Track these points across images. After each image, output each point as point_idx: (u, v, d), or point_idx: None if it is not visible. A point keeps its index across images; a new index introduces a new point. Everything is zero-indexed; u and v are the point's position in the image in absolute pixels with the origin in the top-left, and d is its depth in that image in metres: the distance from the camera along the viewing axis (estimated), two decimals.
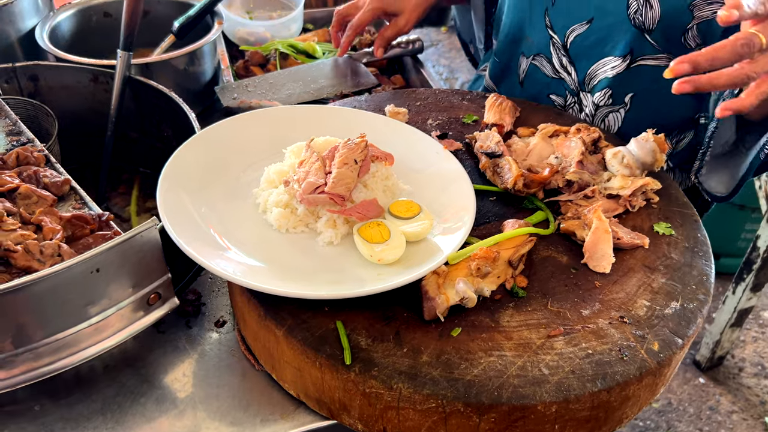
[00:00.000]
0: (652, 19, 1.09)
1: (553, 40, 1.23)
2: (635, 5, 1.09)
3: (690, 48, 1.10)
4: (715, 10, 1.05)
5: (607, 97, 1.19)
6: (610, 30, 1.14)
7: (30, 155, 0.97)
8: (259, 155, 1.01)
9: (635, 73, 1.16)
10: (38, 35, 1.33)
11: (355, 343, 0.77)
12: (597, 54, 1.18)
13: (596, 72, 1.19)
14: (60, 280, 0.72)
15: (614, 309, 0.84)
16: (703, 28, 1.08)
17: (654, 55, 1.14)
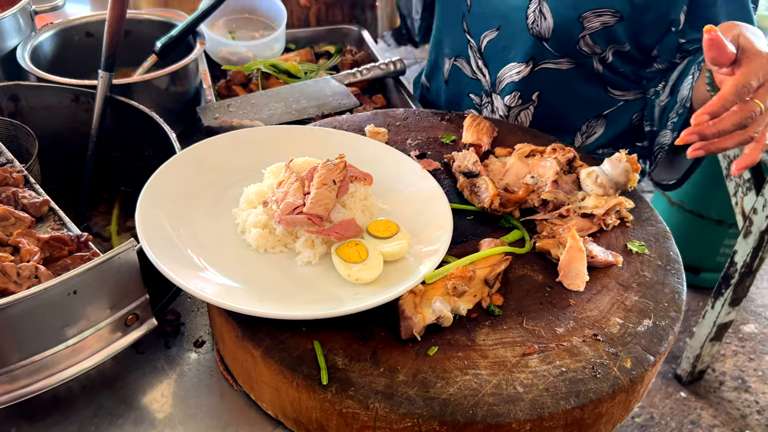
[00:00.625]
0: (547, 29, 1.21)
1: (470, 43, 1.36)
2: (532, 16, 1.21)
3: (585, 53, 1.23)
4: (605, 22, 1.18)
5: (516, 99, 1.32)
6: (514, 38, 1.27)
7: (9, 176, 0.97)
8: (238, 175, 1.02)
9: (538, 76, 1.28)
10: (19, 55, 1.33)
11: (332, 363, 0.78)
12: (504, 59, 1.30)
13: (504, 76, 1.32)
14: (37, 302, 0.72)
15: (588, 327, 0.85)
16: (596, 37, 1.20)
17: (553, 60, 1.26)
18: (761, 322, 2.84)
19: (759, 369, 2.62)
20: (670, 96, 1.22)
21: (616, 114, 1.33)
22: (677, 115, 1.17)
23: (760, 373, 2.61)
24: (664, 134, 1.22)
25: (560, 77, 1.28)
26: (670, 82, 1.23)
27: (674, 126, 1.18)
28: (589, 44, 1.21)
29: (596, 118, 1.34)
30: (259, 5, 1.70)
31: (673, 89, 1.22)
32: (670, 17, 1.18)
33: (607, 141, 1.36)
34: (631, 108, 1.33)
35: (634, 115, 1.34)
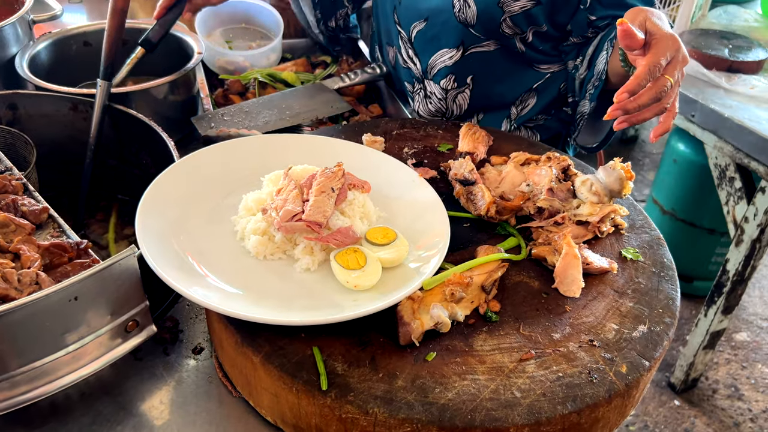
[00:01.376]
0: (472, 16, 1.31)
1: (400, 34, 1.45)
2: (458, 5, 1.31)
3: (508, 35, 1.33)
4: (523, 6, 1.27)
5: (452, 82, 1.40)
6: (443, 26, 1.36)
7: (8, 184, 0.97)
8: (237, 183, 1.03)
9: (470, 59, 1.37)
10: (18, 64, 1.33)
11: (332, 368, 0.79)
12: (435, 47, 1.39)
13: (435, 62, 1.40)
14: (38, 308, 0.72)
15: (584, 332, 0.86)
16: (516, 20, 1.30)
17: (481, 44, 1.35)
18: (753, 331, 2.86)
19: (752, 377, 2.64)
20: (588, 69, 1.32)
21: (545, 86, 1.44)
22: (593, 87, 1.29)
23: (752, 381, 2.63)
24: (583, 104, 1.34)
25: (489, 59, 1.38)
26: (587, 57, 1.33)
27: (591, 96, 1.31)
28: (510, 26, 1.31)
29: (527, 92, 1.44)
30: (256, 15, 1.72)
31: (590, 63, 1.32)
32: None
33: (540, 110, 1.47)
34: (557, 79, 1.44)
35: (561, 84, 1.45)
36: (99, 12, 2.06)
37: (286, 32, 1.73)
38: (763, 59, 2.30)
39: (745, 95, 2.18)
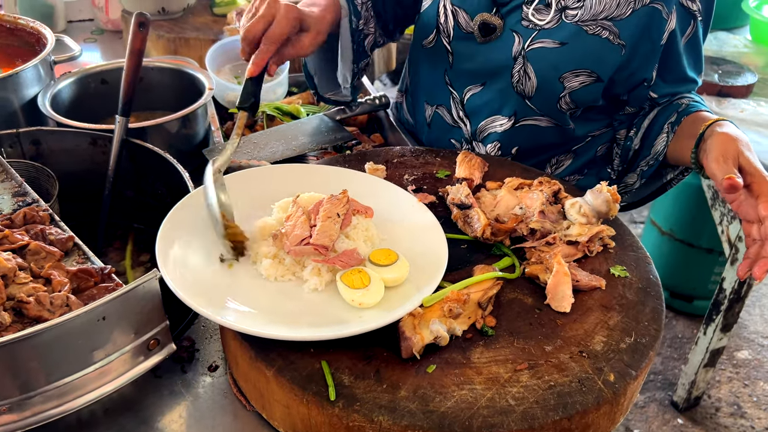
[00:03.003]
0: (531, 88, 1.30)
1: (452, 95, 1.42)
2: (517, 76, 1.30)
3: (563, 111, 1.33)
4: (582, 81, 1.27)
5: (497, 149, 1.40)
6: (499, 94, 1.35)
7: (36, 214, 1.05)
8: (249, 211, 1.09)
9: (519, 131, 1.37)
10: (40, 102, 1.42)
11: (339, 380, 0.85)
12: (488, 111, 1.38)
13: (486, 126, 1.40)
14: (69, 328, 0.79)
15: (574, 344, 0.92)
16: (574, 97, 1.29)
17: (534, 117, 1.35)
18: (754, 349, 2.89)
19: (754, 395, 2.67)
20: (641, 143, 1.32)
21: (583, 149, 1.44)
22: (648, 165, 1.30)
23: (755, 398, 2.65)
24: (632, 176, 1.36)
25: (538, 133, 1.37)
26: (641, 130, 1.33)
27: (643, 174, 1.31)
28: (568, 103, 1.31)
29: (564, 154, 1.45)
30: None
31: (644, 138, 1.32)
32: (643, 75, 1.29)
33: (573, 170, 1.48)
34: (596, 142, 1.45)
35: (599, 147, 1.46)
36: (112, 50, 2.16)
37: (291, 67, 1.82)
38: (752, 83, 2.38)
39: (735, 119, 2.26)
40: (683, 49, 1.29)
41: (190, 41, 1.93)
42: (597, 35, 1.24)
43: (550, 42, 1.26)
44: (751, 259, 1.00)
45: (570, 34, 1.25)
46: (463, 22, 1.34)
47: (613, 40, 1.24)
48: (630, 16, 1.23)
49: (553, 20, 1.26)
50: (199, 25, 2.03)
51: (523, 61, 1.28)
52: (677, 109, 1.27)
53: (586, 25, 1.24)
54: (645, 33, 1.24)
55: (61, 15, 2.26)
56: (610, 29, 1.24)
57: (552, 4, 1.26)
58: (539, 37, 1.27)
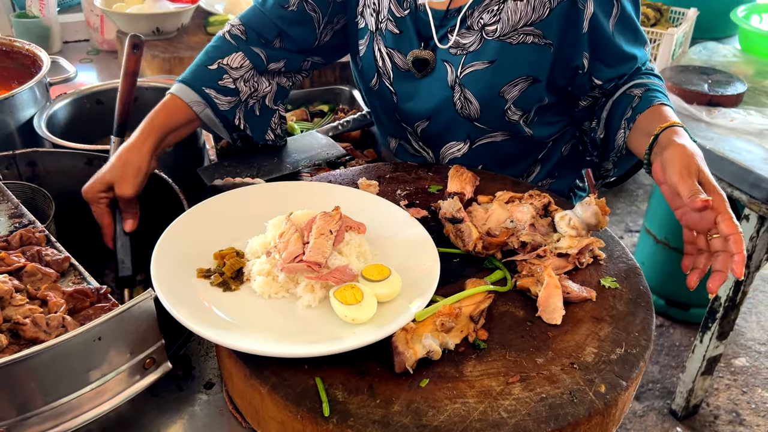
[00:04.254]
0: (475, 110, 1.33)
1: (407, 130, 1.46)
2: (459, 103, 1.33)
3: (514, 122, 1.35)
4: (521, 88, 1.30)
5: None
6: (447, 123, 1.38)
7: (32, 236, 1.06)
8: (243, 229, 1.11)
9: (478, 151, 1.41)
10: (36, 124, 1.44)
11: (333, 396, 0.86)
12: (443, 140, 1.42)
13: (446, 153, 1.44)
14: (65, 348, 0.80)
15: (565, 356, 0.93)
16: (518, 104, 1.32)
17: (488, 135, 1.38)
18: (752, 356, 2.90)
19: (752, 402, 2.67)
20: (606, 131, 1.34)
21: (548, 154, 1.48)
22: (617, 156, 1.34)
23: (753, 406, 2.66)
24: (607, 164, 1.40)
25: (497, 148, 1.40)
26: (602, 121, 1.35)
27: (614, 163, 1.37)
28: (514, 111, 1.33)
29: (532, 164, 1.49)
30: None
31: (606, 127, 1.34)
32: (574, 63, 1.31)
33: (545, 175, 1.52)
34: (558, 144, 1.49)
35: (563, 147, 1.50)
36: (108, 70, 2.19)
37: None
38: (742, 92, 2.41)
39: (726, 127, 2.28)
40: (615, 30, 1.29)
41: (185, 60, 1.96)
42: (522, 43, 1.26)
43: (479, 64, 1.29)
44: (700, 269, 1.09)
45: (495, 50, 1.27)
46: (399, 62, 1.37)
47: (539, 42, 1.26)
48: (549, 16, 1.24)
49: (476, 41, 1.28)
50: (194, 44, 2.05)
51: (461, 89, 1.31)
52: (630, 104, 1.28)
53: (509, 38, 1.26)
54: (567, 26, 1.26)
55: (56, 36, 2.29)
56: (533, 33, 1.26)
57: (472, 26, 1.28)
58: (468, 61, 1.29)
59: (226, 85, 1.35)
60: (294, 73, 1.49)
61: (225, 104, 1.35)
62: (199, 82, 1.33)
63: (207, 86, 1.33)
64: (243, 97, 1.38)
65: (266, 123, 1.45)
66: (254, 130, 1.43)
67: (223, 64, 1.35)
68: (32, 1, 2.19)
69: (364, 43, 1.41)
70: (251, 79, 1.38)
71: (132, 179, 1.21)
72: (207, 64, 1.35)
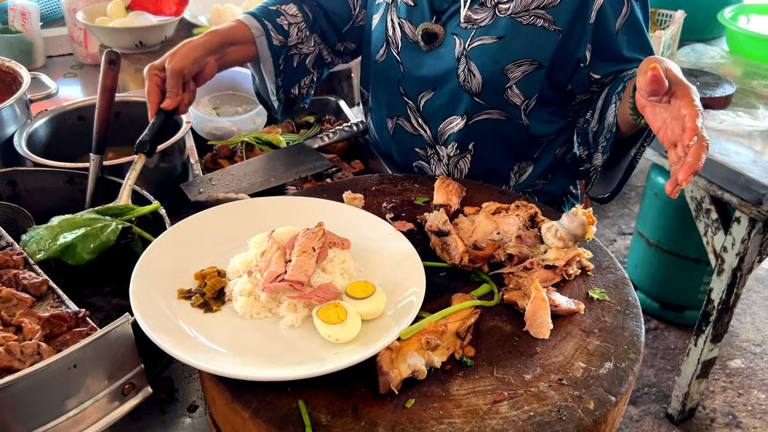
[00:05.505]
0: (477, 84, 1.35)
1: (408, 104, 1.48)
2: (462, 75, 1.35)
3: (515, 105, 1.37)
4: (525, 70, 1.32)
5: (455, 149, 1.45)
6: (450, 95, 1.40)
7: (10, 258, 1.04)
8: (225, 247, 1.09)
9: (474, 128, 1.42)
10: (16, 142, 1.42)
11: (317, 420, 0.84)
12: (444, 114, 1.44)
13: (445, 129, 1.45)
14: (40, 377, 0.78)
15: (553, 372, 0.92)
16: (521, 86, 1.34)
17: (486, 111, 1.39)
18: (747, 357, 2.89)
19: (748, 404, 2.66)
20: (599, 122, 1.35)
21: (541, 154, 1.49)
22: (605, 139, 1.32)
23: (749, 407, 2.65)
24: (596, 157, 1.38)
25: (493, 127, 1.42)
26: (597, 110, 1.36)
27: (604, 149, 1.34)
28: (516, 93, 1.35)
29: (525, 161, 1.49)
30: (242, 82, 1.81)
31: (601, 116, 1.34)
32: (577, 55, 1.34)
33: (537, 176, 1.52)
34: (554, 144, 1.49)
35: (557, 149, 1.51)
36: (92, 84, 2.17)
37: None
38: (731, 94, 2.40)
39: (715, 129, 2.28)
40: (621, 30, 1.32)
41: None
42: (532, 24, 1.30)
43: (488, 38, 1.32)
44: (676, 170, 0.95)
45: (505, 27, 1.31)
46: (409, 32, 1.42)
47: (548, 27, 1.30)
48: (561, 2, 1.29)
49: (488, 17, 1.32)
50: None
51: (466, 61, 1.35)
52: (624, 80, 1.30)
53: (520, 17, 1.30)
54: (577, 15, 1.30)
55: (40, 51, 2.27)
56: (543, 17, 1.30)
57: (486, 3, 1.33)
58: (477, 35, 1.33)
59: (281, 24, 1.49)
60: (331, 51, 1.60)
61: (276, 41, 1.48)
62: (261, 15, 1.48)
63: (267, 19, 1.47)
64: (290, 42, 1.50)
65: (298, 78, 1.56)
66: (286, 78, 1.53)
67: (281, 9, 1.50)
68: (14, 17, 2.17)
69: (378, 17, 1.48)
70: (303, 30, 1.52)
71: (182, 56, 1.30)
72: (269, 5, 1.51)
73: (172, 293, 1.00)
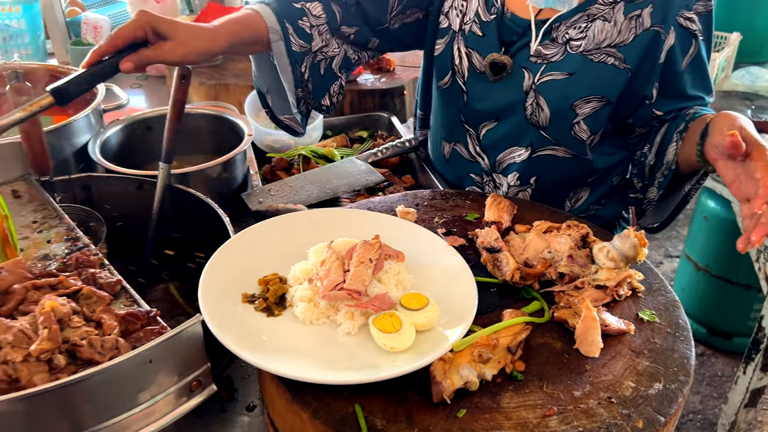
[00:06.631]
0: (545, 118, 1.37)
1: (468, 132, 1.49)
2: (530, 108, 1.37)
3: (581, 141, 1.39)
4: (594, 107, 1.34)
5: (515, 179, 1.47)
6: (514, 126, 1.42)
7: (87, 259, 1.11)
8: (285, 255, 1.14)
9: (537, 161, 1.43)
10: (90, 150, 1.51)
11: (372, 424, 0.88)
12: (505, 144, 1.45)
13: (505, 158, 1.46)
14: (119, 370, 0.84)
15: (603, 390, 0.93)
16: (588, 122, 1.36)
17: (550, 146, 1.41)
18: None
19: None
20: (656, 157, 1.37)
21: (599, 180, 1.50)
22: (663, 176, 1.35)
23: None
24: (651, 191, 1.40)
25: (556, 161, 1.43)
26: (654, 145, 1.38)
27: (660, 185, 1.36)
28: (583, 129, 1.37)
29: (581, 187, 1.50)
30: None
31: (658, 152, 1.36)
32: (644, 93, 1.36)
33: (592, 202, 1.52)
34: (612, 173, 1.50)
35: (614, 178, 1.51)
36: (157, 96, 2.27)
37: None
38: None
39: None
40: (687, 68, 1.34)
41: (230, 87, 2.03)
42: (603, 62, 1.32)
43: (558, 74, 1.34)
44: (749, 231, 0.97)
45: (577, 64, 1.33)
46: (476, 62, 1.43)
47: (618, 65, 1.32)
48: (633, 41, 1.31)
49: (559, 53, 1.34)
50: (239, 72, 2.12)
51: (535, 95, 1.36)
52: (685, 119, 1.32)
53: (591, 54, 1.32)
54: (647, 54, 1.32)
55: None
56: (614, 55, 1.32)
57: (557, 39, 1.34)
58: (548, 70, 1.35)
59: (303, 27, 1.36)
60: (361, 49, 1.51)
61: (297, 47, 1.36)
62: (282, 14, 1.34)
63: (287, 20, 1.34)
64: (314, 48, 1.39)
65: (327, 86, 1.47)
66: (315, 88, 1.44)
67: (306, 7, 1.37)
68: (87, 30, 2.29)
69: (443, 42, 1.47)
70: (325, 33, 1.40)
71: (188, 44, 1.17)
72: (292, 1, 1.36)
73: (236, 297, 1.05)
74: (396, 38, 1.53)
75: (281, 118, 1.50)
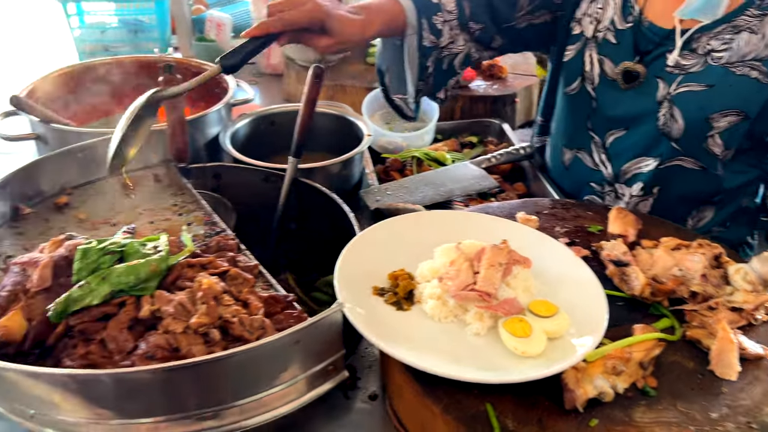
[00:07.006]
0: (678, 130, 1.33)
1: (594, 139, 1.47)
2: (663, 119, 1.34)
3: (714, 154, 1.35)
4: (731, 121, 1.30)
5: (639, 190, 1.43)
6: (644, 136, 1.39)
7: (226, 242, 1.17)
8: (410, 253, 1.17)
9: (664, 172, 1.40)
10: (221, 140, 1.59)
11: (503, 424, 0.89)
12: (632, 153, 1.42)
13: (630, 168, 1.43)
14: (267, 349, 0.88)
15: (741, 414, 0.91)
16: (724, 136, 1.31)
17: (679, 157, 1.38)
18: None
19: None
20: None
21: (726, 199, 1.44)
22: None
23: None
24: None
25: (683, 174, 1.39)
26: None
27: None
28: (717, 143, 1.33)
29: (705, 204, 1.45)
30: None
31: None
32: None
33: (716, 223, 1.47)
34: (741, 192, 1.45)
35: (744, 199, 1.46)
36: (270, 93, 2.36)
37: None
38: None
39: None
40: None
41: (347, 88, 2.08)
42: (745, 75, 1.28)
43: (696, 85, 1.31)
44: None
45: (717, 76, 1.29)
46: (608, 69, 1.42)
47: (762, 80, 1.27)
48: None
49: (699, 64, 1.31)
50: (354, 73, 2.18)
51: (670, 105, 1.33)
52: None
53: (734, 67, 1.28)
54: None
55: None
56: (759, 69, 1.27)
57: (697, 50, 1.31)
58: (685, 81, 1.32)
59: (436, 23, 1.40)
60: (483, 48, 1.51)
61: (428, 41, 1.41)
62: (421, 9, 1.39)
63: (425, 15, 1.39)
64: (441, 44, 1.43)
65: (446, 81, 1.51)
66: (436, 82, 1.48)
67: (441, 1, 1.41)
68: (210, 27, 2.42)
69: (573, 49, 1.47)
70: (454, 28, 1.43)
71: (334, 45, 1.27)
72: None
73: (368, 289, 1.09)
74: (520, 38, 1.52)
75: (394, 97, 1.54)
